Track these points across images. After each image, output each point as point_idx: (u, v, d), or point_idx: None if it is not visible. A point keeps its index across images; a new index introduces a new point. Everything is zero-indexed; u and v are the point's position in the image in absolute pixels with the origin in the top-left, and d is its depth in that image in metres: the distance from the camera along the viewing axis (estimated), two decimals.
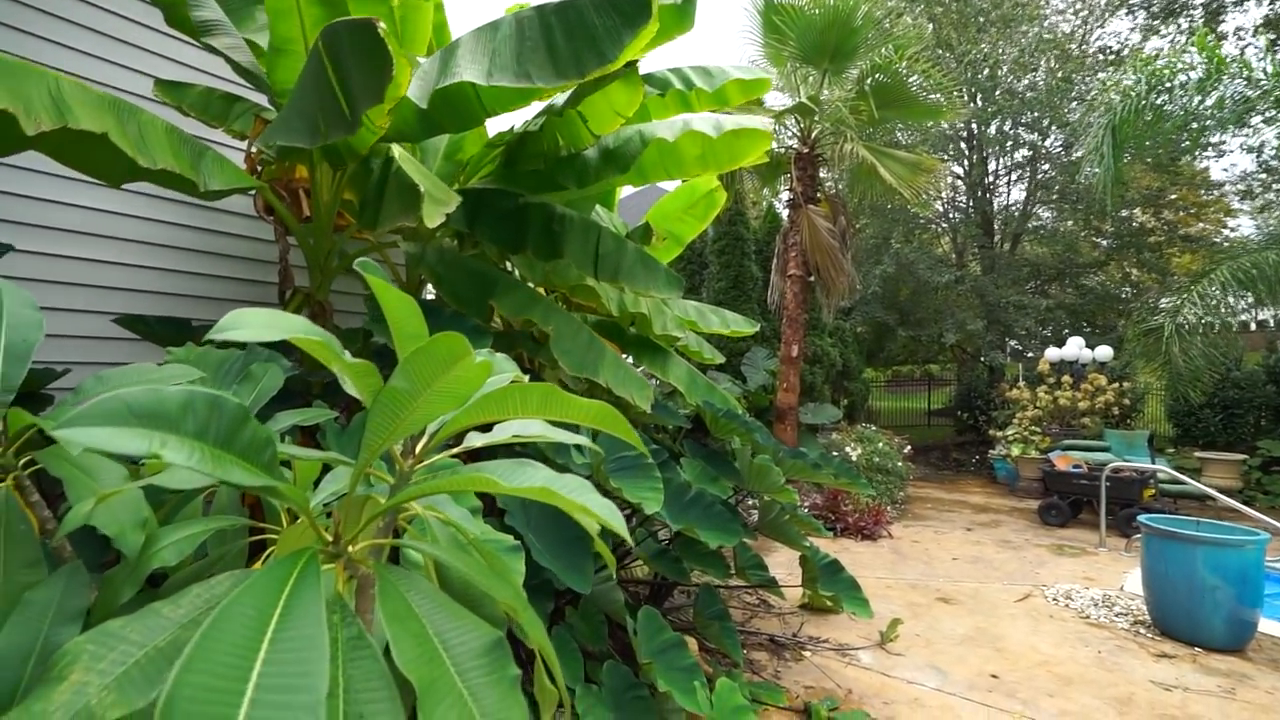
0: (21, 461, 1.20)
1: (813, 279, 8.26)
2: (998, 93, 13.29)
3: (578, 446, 2.61)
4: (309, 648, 0.69)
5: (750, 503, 5.50)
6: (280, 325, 0.93)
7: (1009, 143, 14.42)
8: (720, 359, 5.10)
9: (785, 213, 9.53)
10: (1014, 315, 12.96)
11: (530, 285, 3.68)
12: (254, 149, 3.16)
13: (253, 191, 3.17)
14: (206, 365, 1.78)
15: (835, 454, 7.89)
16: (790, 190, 8.54)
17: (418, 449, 1.01)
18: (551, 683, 1.11)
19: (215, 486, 1.37)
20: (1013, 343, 14.74)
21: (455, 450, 1.04)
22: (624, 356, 4.38)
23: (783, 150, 8.89)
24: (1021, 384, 11.30)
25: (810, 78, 8.46)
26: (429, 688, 0.81)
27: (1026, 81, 13.66)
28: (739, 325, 4.92)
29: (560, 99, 2.96)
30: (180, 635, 0.78)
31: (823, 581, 3.96)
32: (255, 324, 0.90)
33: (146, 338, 3.00)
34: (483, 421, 1.00)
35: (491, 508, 2.40)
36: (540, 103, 3.16)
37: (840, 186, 11.27)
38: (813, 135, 8.53)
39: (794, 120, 8.66)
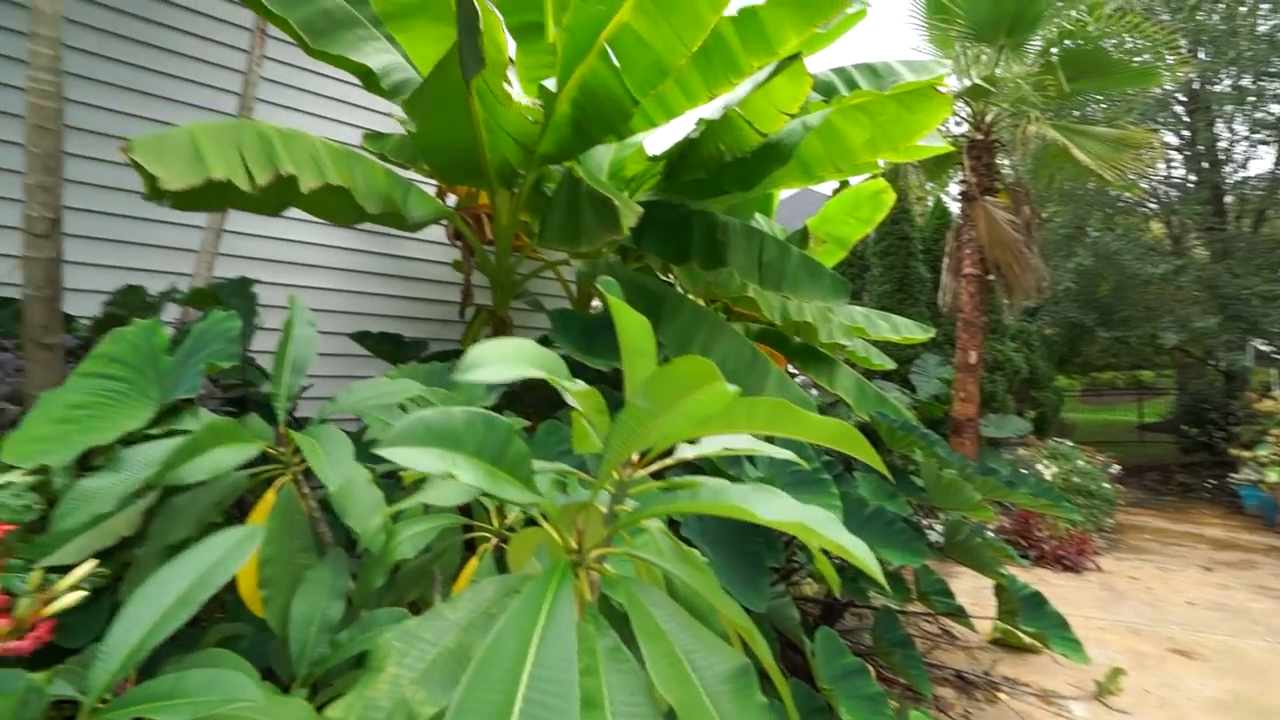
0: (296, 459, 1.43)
1: (991, 278, 7.47)
2: (1236, 38, 10.99)
3: (750, 458, 2.56)
4: (564, 661, 0.74)
5: (924, 522, 5.07)
6: (519, 359, 1.00)
7: (1249, 100, 11.85)
8: (891, 364, 4.78)
9: (956, 207, 8.75)
10: (1260, 309, 10.67)
11: (693, 299, 3.70)
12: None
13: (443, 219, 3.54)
14: (418, 377, 2.00)
15: (1024, 472, 7.03)
16: (962, 182, 7.83)
17: (637, 460, 1.04)
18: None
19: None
20: (1259, 343, 12.12)
21: (669, 462, 1.06)
22: (788, 368, 4.26)
23: (952, 139, 8.18)
24: (1276, 393, 9.27)
25: (983, 56, 7.71)
26: (686, 710, 0.81)
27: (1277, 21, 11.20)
28: (910, 331, 4.57)
29: (719, 104, 2.97)
30: (463, 639, 0.86)
31: (1024, 615, 3.51)
32: (497, 360, 0.98)
33: (372, 351, 3.46)
34: (703, 435, 1.00)
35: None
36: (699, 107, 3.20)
37: (1022, 173, 10.12)
38: (988, 119, 7.75)
39: (963, 105, 7.94)
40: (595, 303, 3.93)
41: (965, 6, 7.19)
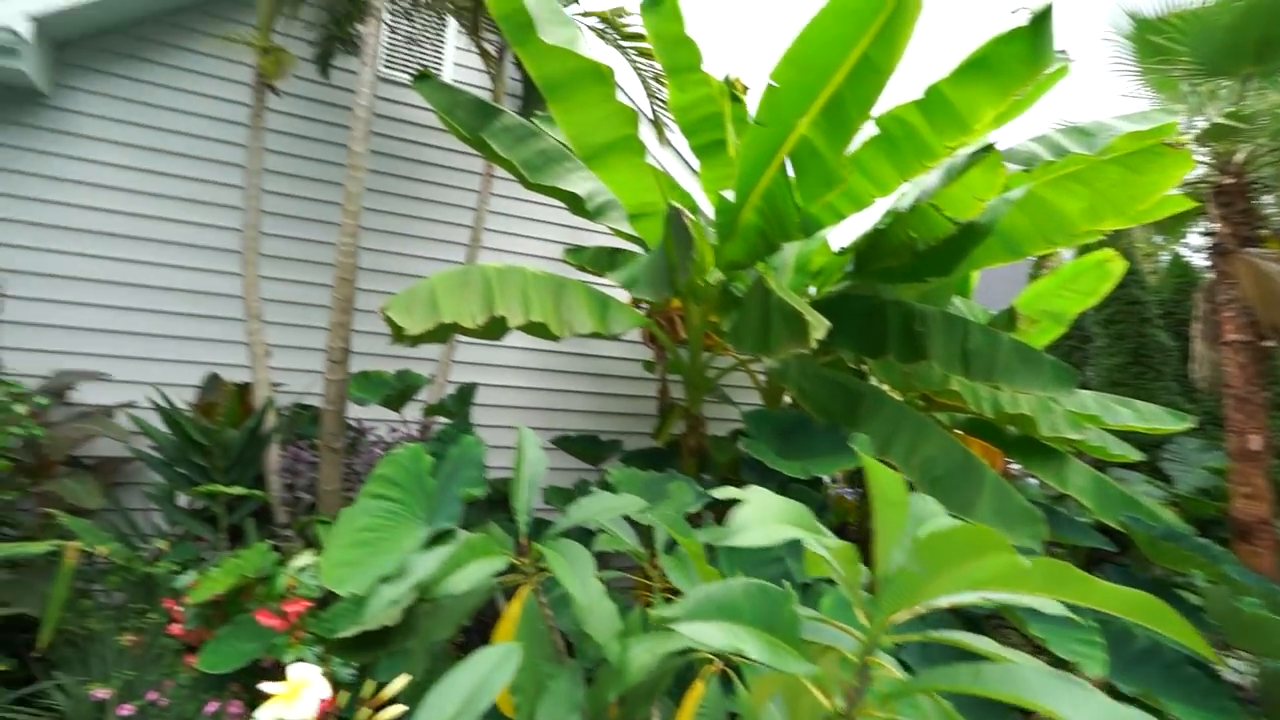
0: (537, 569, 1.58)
1: (1269, 343, 6.11)
2: None
3: None
4: None
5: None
6: (781, 520, 1.04)
7: None
8: (1135, 455, 4.06)
9: (1204, 262, 7.41)
10: None
11: (891, 394, 3.52)
12: None
13: None
14: (635, 485, 2.11)
15: None
16: (1209, 233, 6.66)
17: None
18: None
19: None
20: None
21: (920, 612, 1.00)
22: (1005, 464, 3.81)
23: (1190, 186, 7.07)
24: None
25: (1222, 90, 6.68)
26: None
27: None
28: (1161, 420, 3.88)
29: (909, 191, 2.90)
30: None
31: None
32: (760, 523, 1.03)
33: (572, 453, 3.73)
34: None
35: None
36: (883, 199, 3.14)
37: None
38: (1237, 159, 6.61)
39: (1200, 148, 6.86)
40: (786, 397, 3.89)
41: (1190, 42, 6.36)
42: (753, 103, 2.75)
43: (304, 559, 2.67)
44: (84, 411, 3.45)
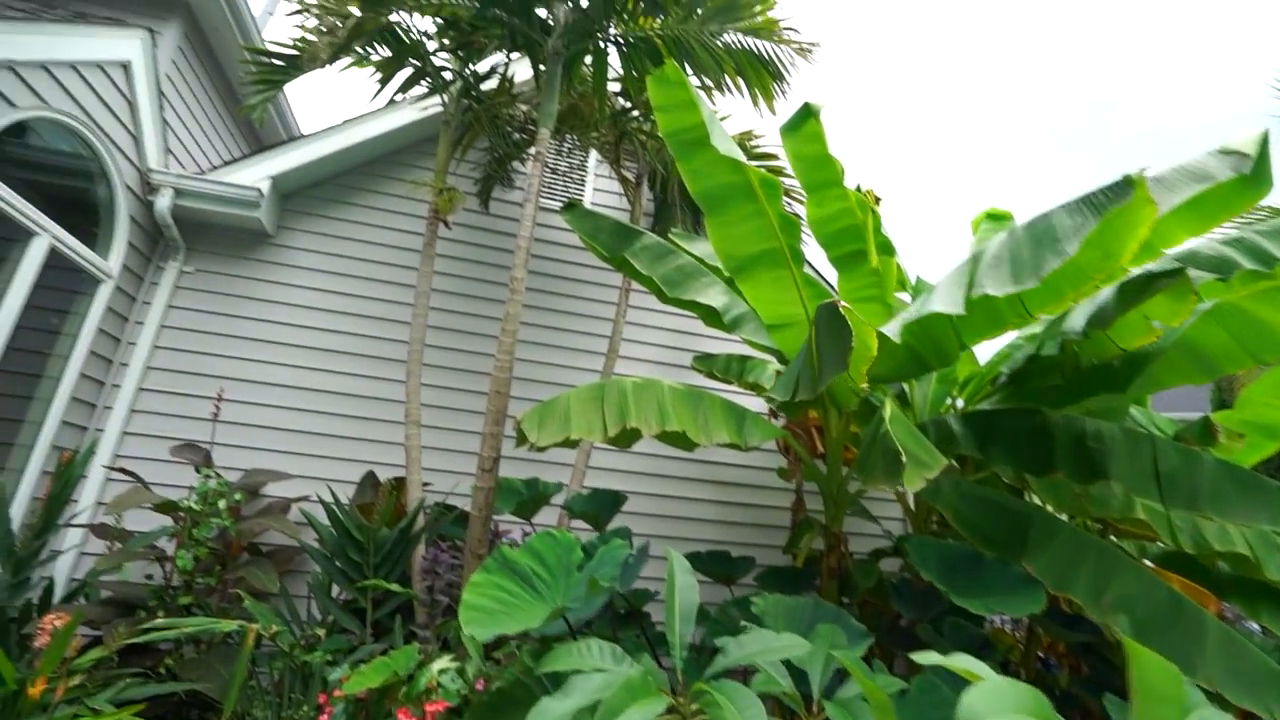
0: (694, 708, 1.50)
1: None
2: None
3: None
4: None
5: None
6: (1023, 711, 0.94)
7: None
8: None
9: None
10: None
11: (1065, 519, 3.14)
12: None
13: None
14: (779, 612, 1.99)
15: None
16: None
17: None
18: None
19: None
20: None
21: None
22: (1219, 608, 3.21)
23: None
24: None
25: None
26: None
27: None
28: None
29: (1079, 319, 2.67)
30: None
31: None
32: (994, 712, 0.93)
33: (701, 572, 3.61)
34: None
35: None
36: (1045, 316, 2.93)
37: None
38: None
39: None
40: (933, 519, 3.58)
41: None
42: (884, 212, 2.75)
43: (443, 662, 2.73)
44: (267, 504, 3.88)
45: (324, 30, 3.69)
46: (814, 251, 3.52)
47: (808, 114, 3.18)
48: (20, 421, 3.69)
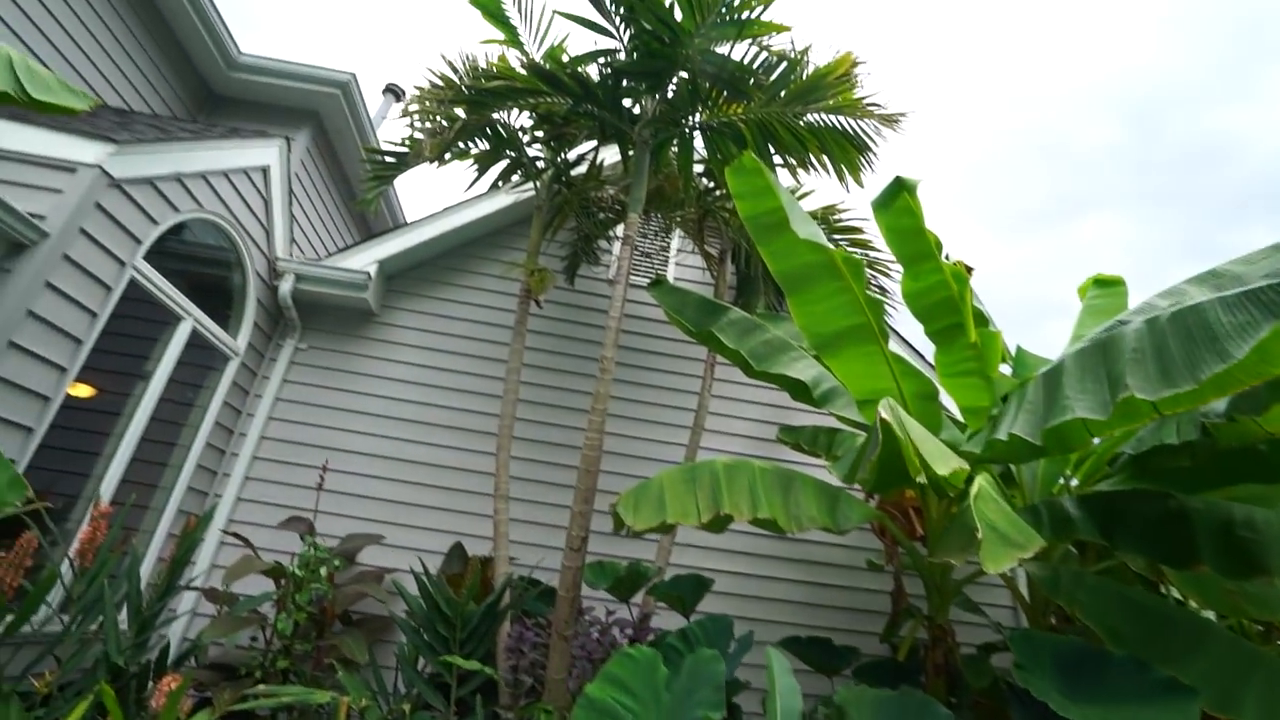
0: None
1: None
2: None
3: None
4: None
5: None
6: None
7: None
8: None
9: None
10: None
11: (1215, 619, 2.77)
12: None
13: None
14: (865, 703, 1.83)
15: None
16: None
17: None
18: None
19: None
20: None
21: None
22: None
23: None
24: None
25: None
26: None
27: None
28: None
29: (1221, 405, 2.43)
30: None
31: None
32: None
33: (800, 658, 3.39)
34: None
35: None
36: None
37: None
38: None
39: None
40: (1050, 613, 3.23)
41: None
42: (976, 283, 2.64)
43: None
44: (360, 573, 4.01)
45: (433, 131, 4.08)
46: (909, 325, 3.42)
47: (900, 188, 3.17)
48: (156, 487, 4.04)
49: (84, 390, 3.52)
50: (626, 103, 3.78)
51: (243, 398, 4.56)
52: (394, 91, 7.79)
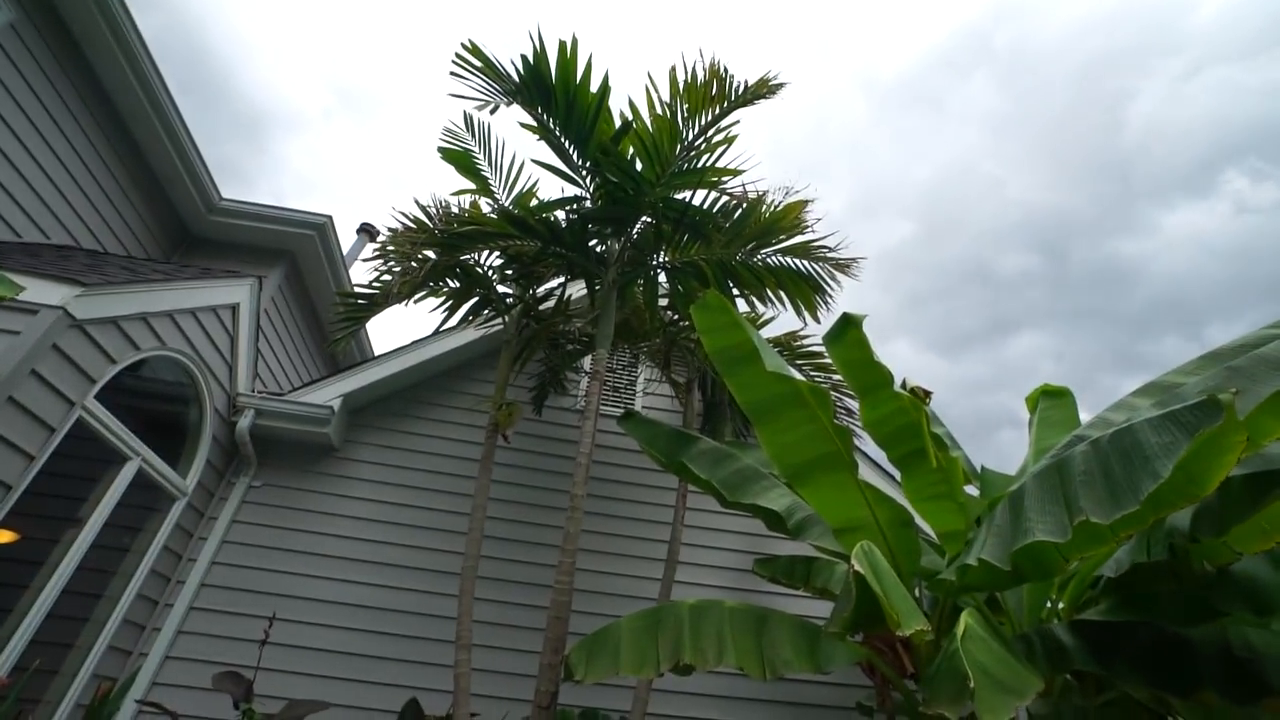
0: None
1: None
2: None
3: None
4: None
5: None
6: None
7: None
8: None
9: None
10: None
11: None
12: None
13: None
14: None
15: None
16: None
17: None
18: None
19: None
20: None
21: None
22: None
23: None
24: None
25: None
26: None
27: None
28: None
29: (1184, 519, 2.48)
30: None
31: None
32: None
33: None
34: None
35: None
36: None
37: None
38: None
39: None
40: None
41: None
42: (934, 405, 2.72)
43: None
44: None
45: (404, 271, 4.22)
46: (874, 448, 3.47)
47: (848, 324, 3.34)
48: (69, 646, 3.61)
49: (5, 536, 3.24)
50: (593, 244, 4.01)
51: (186, 541, 4.25)
52: (368, 230, 8.12)
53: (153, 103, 4.69)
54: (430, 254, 4.16)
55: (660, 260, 3.81)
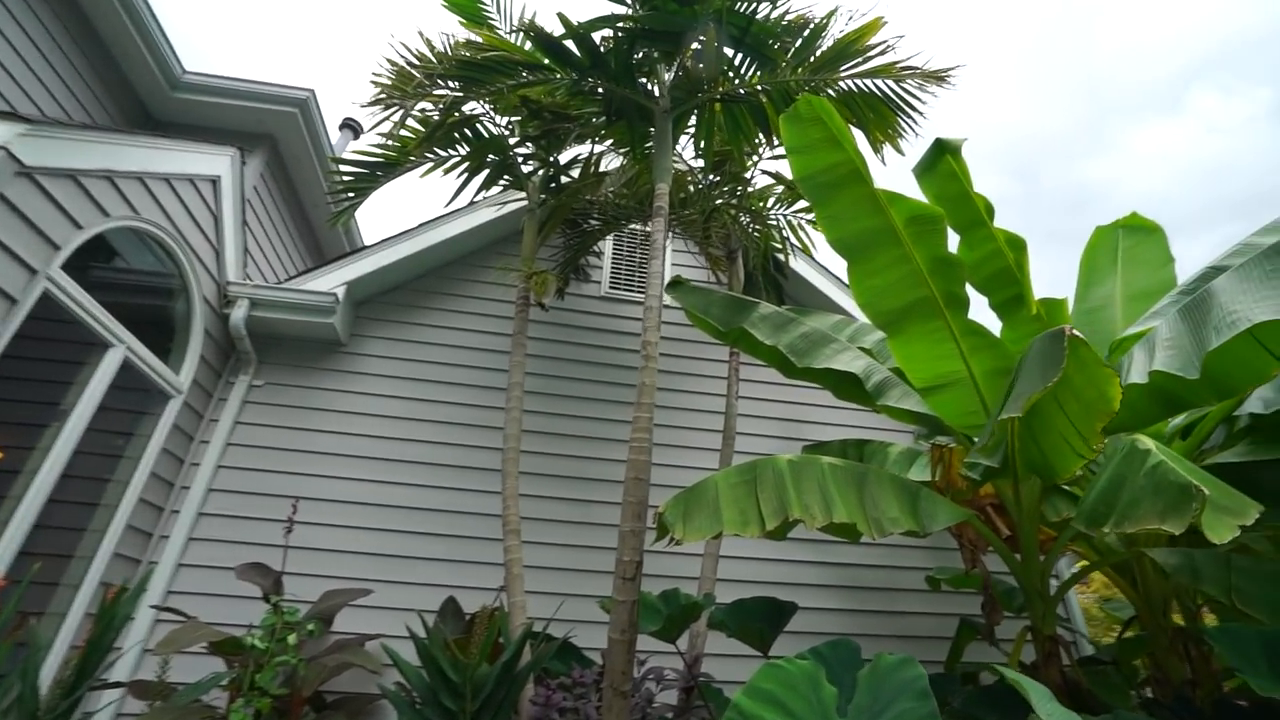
0: None
1: None
2: None
3: None
4: None
5: None
6: None
7: None
8: None
9: None
10: None
11: None
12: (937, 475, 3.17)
13: None
14: None
15: None
16: None
17: None
18: None
19: None
20: None
21: None
22: None
23: None
24: None
25: None
26: None
27: None
28: None
29: None
30: None
31: None
32: None
33: None
34: None
35: None
36: None
37: None
38: None
39: None
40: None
41: None
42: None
43: None
44: (338, 642, 3.29)
45: (408, 133, 3.66)
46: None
47: (942, 151, 2.91)
48: (69, 557, 3.26)
49: None
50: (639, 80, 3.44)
51: (186, 444, 3.85)
52: (351, 127, 7.37)
53: None
54: (433, 110, 3.60)
55: (714, 93, 3.27)
